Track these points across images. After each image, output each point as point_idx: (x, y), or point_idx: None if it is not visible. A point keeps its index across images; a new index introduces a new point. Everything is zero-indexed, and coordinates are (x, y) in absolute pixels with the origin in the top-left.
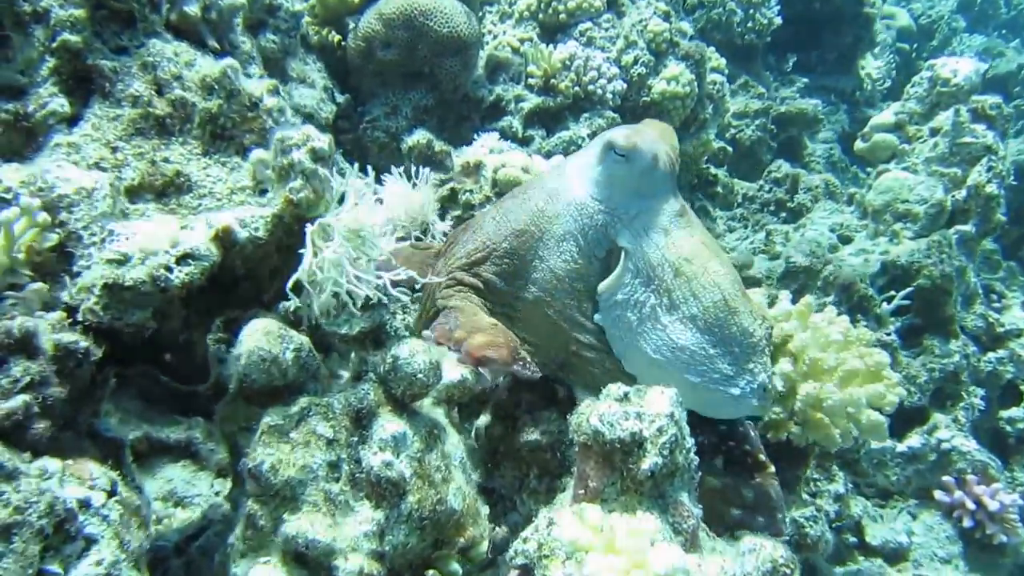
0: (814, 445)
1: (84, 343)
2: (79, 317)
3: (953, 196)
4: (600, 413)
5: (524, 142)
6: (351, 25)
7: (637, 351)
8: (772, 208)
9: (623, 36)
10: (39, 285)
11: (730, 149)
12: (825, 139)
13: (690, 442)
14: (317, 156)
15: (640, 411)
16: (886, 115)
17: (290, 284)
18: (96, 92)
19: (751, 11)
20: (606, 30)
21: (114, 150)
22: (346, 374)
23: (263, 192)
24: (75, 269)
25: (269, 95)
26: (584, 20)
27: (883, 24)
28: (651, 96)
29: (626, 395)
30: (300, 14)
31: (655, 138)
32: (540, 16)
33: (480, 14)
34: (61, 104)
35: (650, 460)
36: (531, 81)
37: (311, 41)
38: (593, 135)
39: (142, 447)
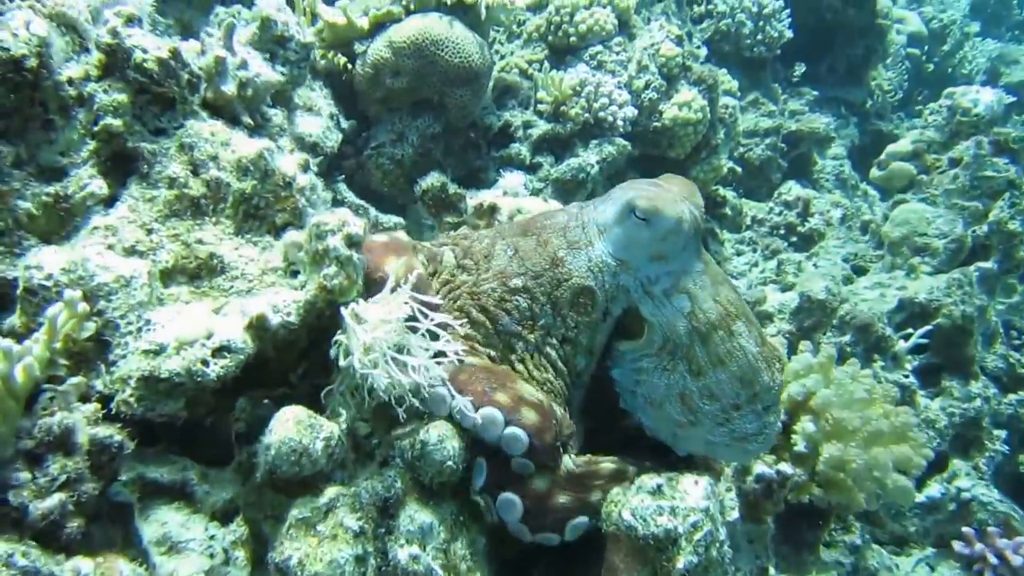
0: (836, 506)
1: (118, 437)
2: (113, 408)
3: (974, 231)
4: (633, 507)
5: (532, 169)
6: (359, 49)
7: (662, 413)
8: (782, 232)
9: (635, 60)
10: (78, 380)
11: (739, 169)
12: (835, 155)
13: (724, 533)
14: (352, 242)
15: (674, 505)
16: (903, 143)
17: (345, 363)
18: (134, 174)
19: (761, 23)
20: (617, 54)
21: (149, 232)
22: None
23: (295, 273)
24: (111, 358)
25: (301, 172)
26: (595, 43)
27: (893, 29)
28: (662, 122)
29: (659, 487)
30: (311, 46)
31: (677, 198)
32: (550, 38)
33: (490, 38)
34: (100, 186)
35: (685, 559)
36: (540, 107)
37: (317, 66)
38: (602, 162)
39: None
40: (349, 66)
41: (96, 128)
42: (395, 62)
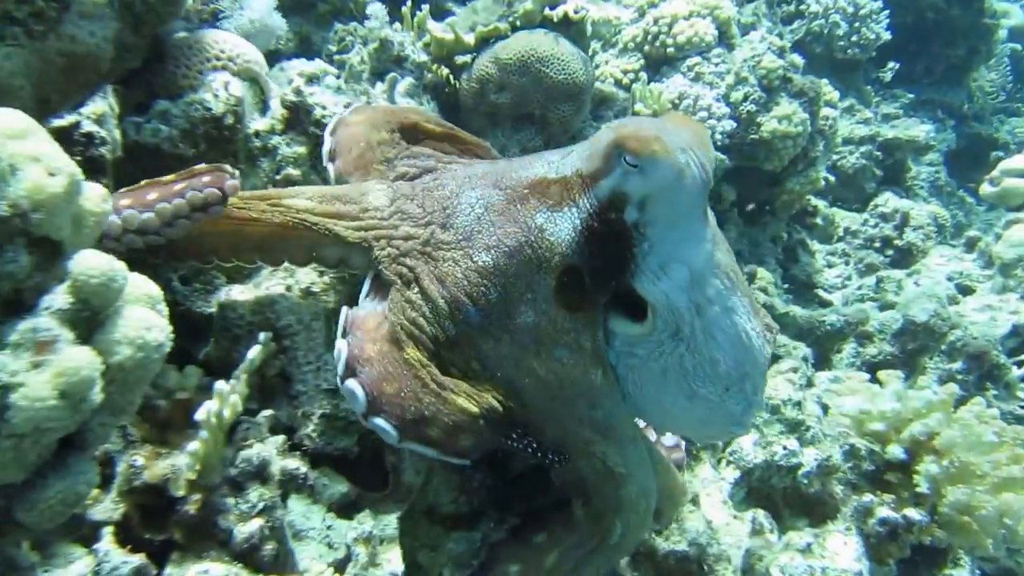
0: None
1: (304, 468)
2: (297, 440)
3: None
4: (782, 564)
5: None
6: (459, 60)
7: (653, 401)
8: (878, 245)
9: (733, 72)
10: (269, 413)
11: (832, 178)
12: (931, 160)
13: None
14: None
15: (825, 566)
16: (1018, 159)
17: None
18: None
19: (856, 24)
20: (716, 65)
21: (322, 273)
22: None
23: None
24: (291, 392)
25: None
26: (693, 55)
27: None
28: (760, 134)
29: (808, 546)
30: (424, 65)
31: (683, 144)
32: (646, 48)
33: (589, 51)
34: None
35: None
36: None
37: (425, 80)
38: None
39: None
40: (452, 79)
41: (278, 177)
42: (501, 78)
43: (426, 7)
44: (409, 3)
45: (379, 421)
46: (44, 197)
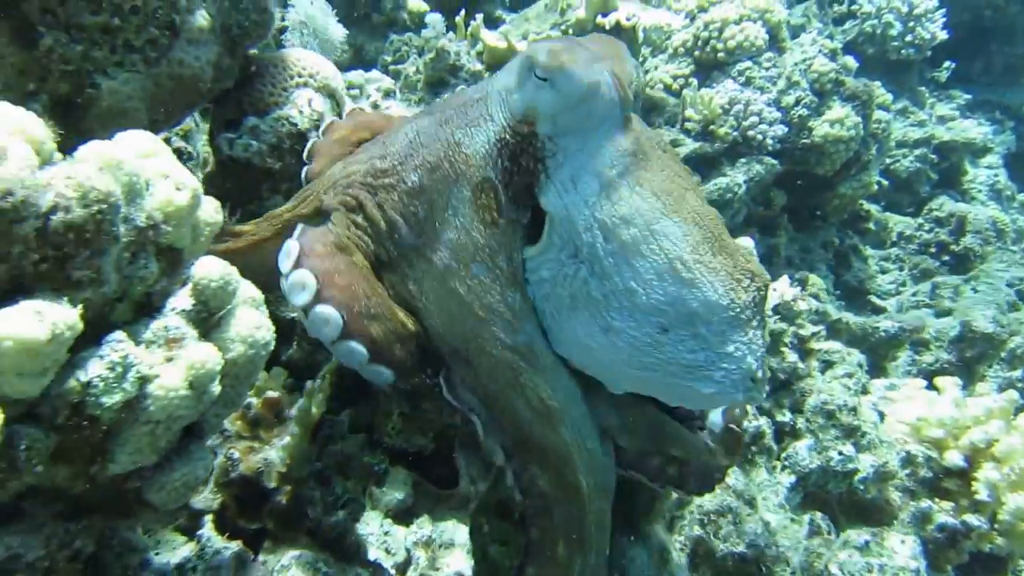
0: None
1: (383, 464)
2: (376, 438)
3: None
4: (840, 561)
5: None
6: None
7: (569, 333)
8: (933, 251)
9: (785, 76)
10: (349, 411)
11: (885, 182)
12: (989, 163)
13: None
14: None
15: (884, 563)
16: None
17: None
18: None
19: (911, 24)
20: (767, 69)
21: None
22: None
23: None
24: (369, 393)
25: None
26: (744, 59)
27: None
28: (812, 139)
29: (867, 544)
30: (479, 74)
31: (592, 57)
32: (696, 53)
33: (640, 57)
34: None
35: None
36: (688, 126)
37: None
38: (750, 181)
39: None
40: None
41: None
42: None
43: (480, 16)
44: (463, 12)
45: (325, 310)
46: (172, 210)
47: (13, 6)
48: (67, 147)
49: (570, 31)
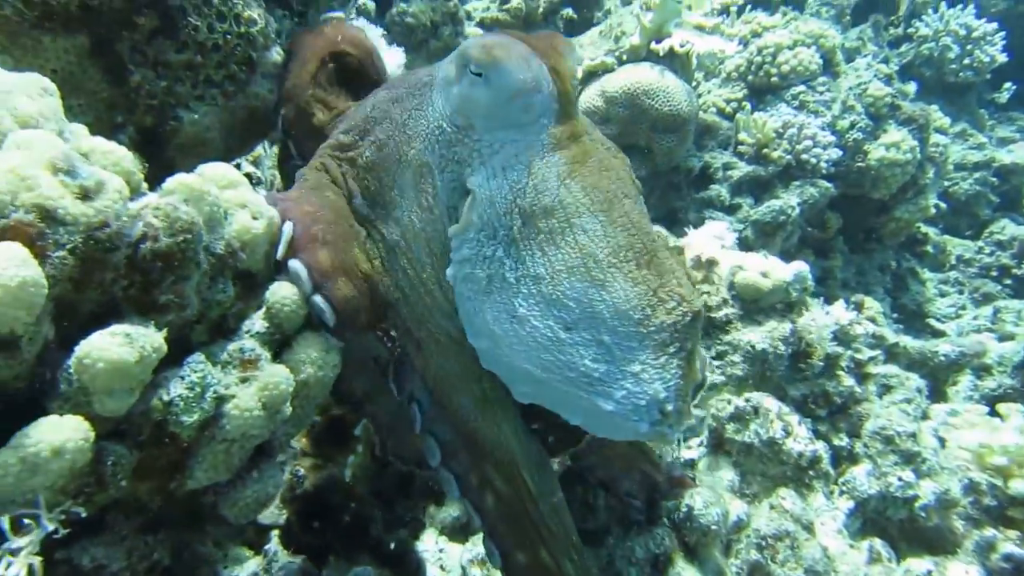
0: None
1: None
2: None
3: None
4: None
5: (731, 210)
6: None
7: (480, 318)
8: (995, 274)
9: (839, 100)
10: None
11: (943, 205)
12: None
13: None
14: None
15: None
16: None
17: None
18: None
19: (969, 47)
20: (820, 94)
21: None
22: None
23: None
24: None
25: None
26: (797, 83)
27: None
28: (867, 162)
29: (929, 573)
30: None
31: (528, 52)
32: (750, 77)
33: (693, 82)
34: None
35: None
36: (741, 148)
37: None
38: (803, 204)
39: None
40: None
41: None
42: (606, 110)
43: None
44: None
45: (285, 227)
46: (249, 237)
47: (108, 46)
48: (150, 175)
49: (624, 57)
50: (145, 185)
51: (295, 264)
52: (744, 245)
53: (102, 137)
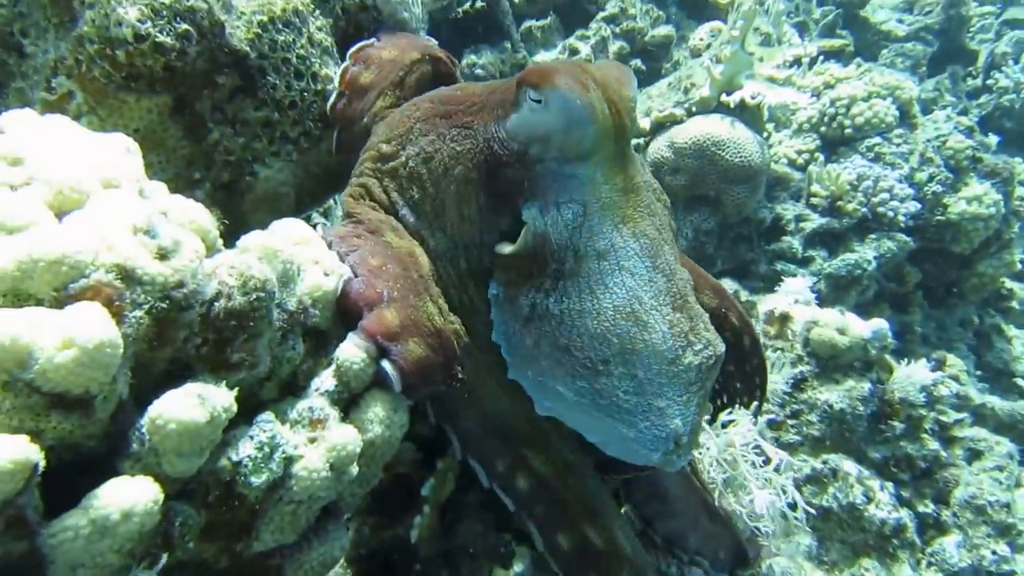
0: None
1: (509, 546)
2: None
3: None
4: None
5: (804, 262)
6: (637, 145)
7: (517, 339)
8: None
9: (917, 152)
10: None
11: None
12: None
13: None
14: None
15: None
16: None
17: None
18: None
19: None
20: (897, 146)
21: None
22: None
23: None
24: None
25: None
26: (872, 135)
27: None
28: (947, 216)
29: None
30: None
31: (587, 82)
32: (822, 129)
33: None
34: None
35: None
36: (814, 201)
37: None
38: (880, 257)
39: None
40: None
41: None
42: (675, 161)
43: None
44: None
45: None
46: (320, 295)
47: (189, 105)
48: (225, 229)
49: (694, 109)
50: (221, 242)
51: (357, 339)
52: (817, 298)
53: (180, 195)
